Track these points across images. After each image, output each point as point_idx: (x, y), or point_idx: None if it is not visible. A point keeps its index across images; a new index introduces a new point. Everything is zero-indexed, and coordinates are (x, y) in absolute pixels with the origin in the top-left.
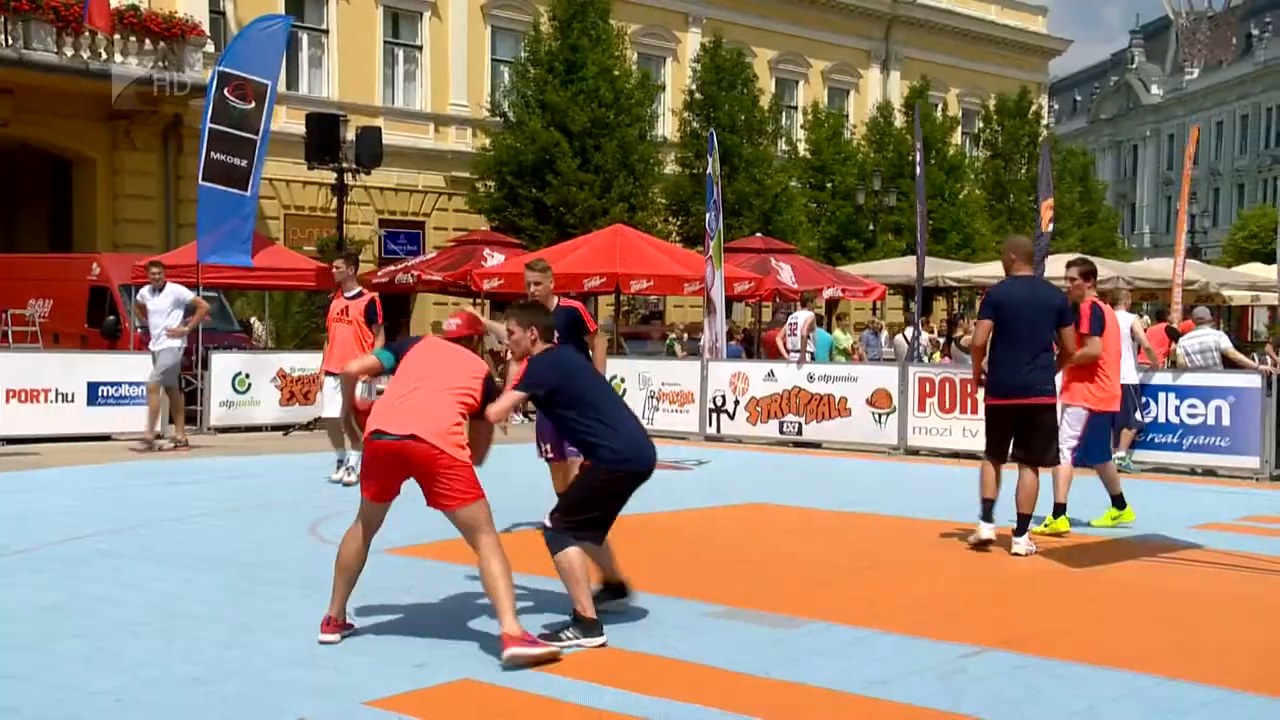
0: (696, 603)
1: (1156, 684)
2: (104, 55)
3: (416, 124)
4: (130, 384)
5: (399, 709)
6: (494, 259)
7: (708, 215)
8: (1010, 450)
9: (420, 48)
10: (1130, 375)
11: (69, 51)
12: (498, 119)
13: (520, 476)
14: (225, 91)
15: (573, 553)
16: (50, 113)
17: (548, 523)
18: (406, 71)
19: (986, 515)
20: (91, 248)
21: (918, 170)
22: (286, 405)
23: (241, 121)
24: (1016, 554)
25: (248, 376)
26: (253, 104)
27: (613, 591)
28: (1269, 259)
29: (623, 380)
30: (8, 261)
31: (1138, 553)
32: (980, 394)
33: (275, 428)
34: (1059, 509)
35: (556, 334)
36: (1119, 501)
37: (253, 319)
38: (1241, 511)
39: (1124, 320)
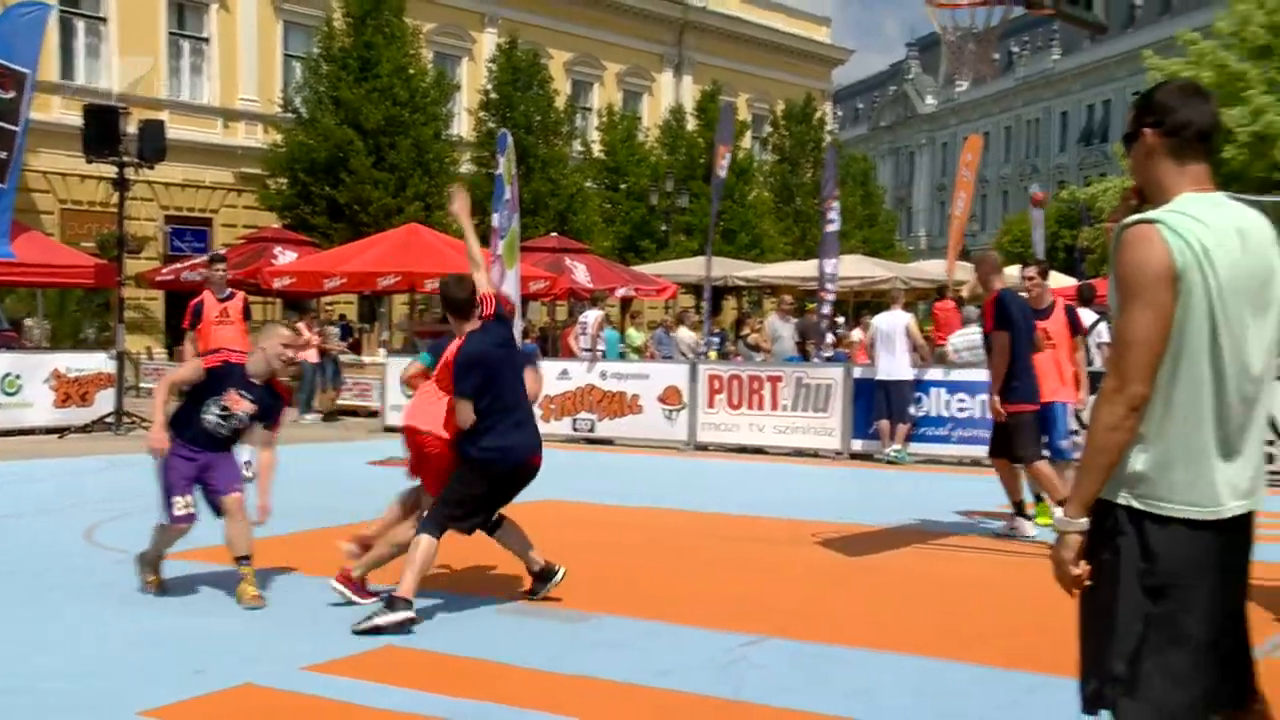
0: (489, 599)
1: (928, 665)
2: None
3: (204, 118)
4: None
5: (176, 718)
6: (285, 256)
7: (496, 214)
8: (1004, 448)
9: (207, 40)
10: (905, 372)
11: None
12: (290, 115)
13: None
14: None
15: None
16: None
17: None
18: (193, 64)
19: (1024, 512)
20: None
21: (722, 172)
22: (62, 407)
23: (6, 112)
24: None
25: (18, 377)
26: (12, 93)
27: (540, 577)
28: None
29: None
30: None
31: (910, 540)
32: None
33: (50, 430)
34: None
35: None
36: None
37: (26, 319)
38: (1006, 500)
39: (900, 319)
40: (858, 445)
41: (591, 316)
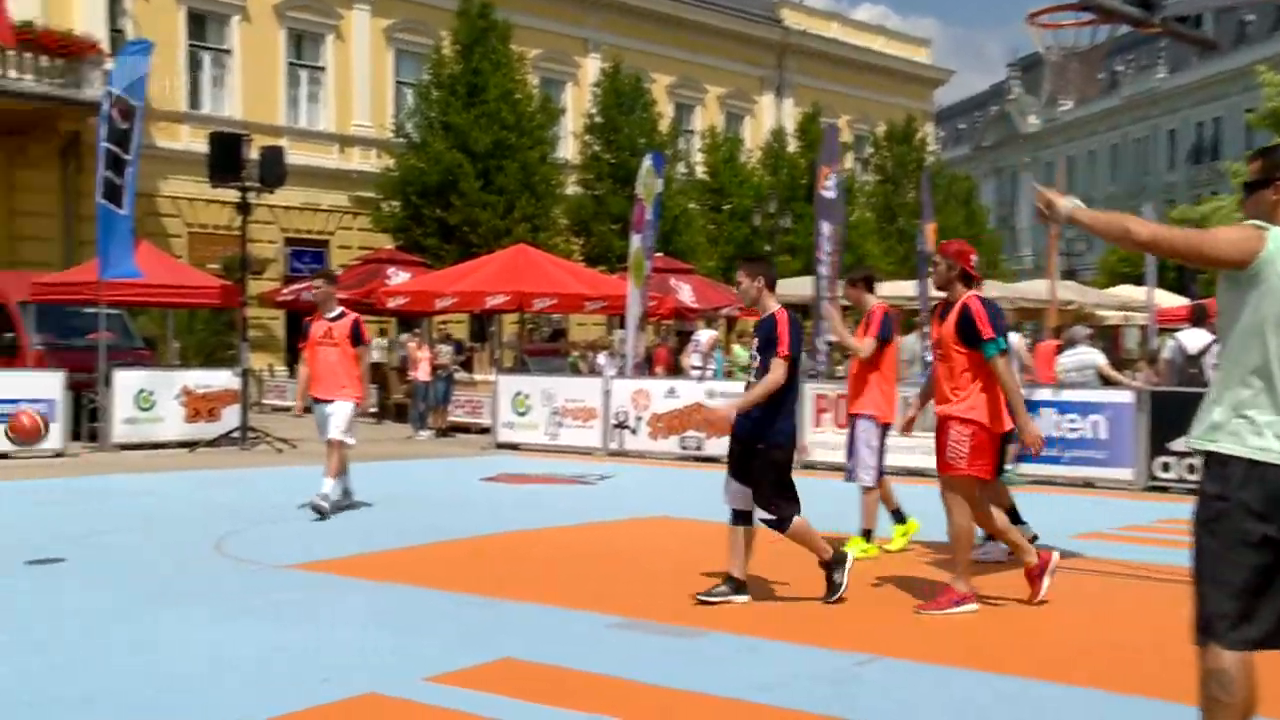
0: (597, 614)
1: (1038, 687)
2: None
3: (320, 144)
4: (29, 401)
5: None
6: (399, 277)
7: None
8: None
9: (323, 69)
10: None
11: None
12: (401, 140)
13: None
14: (113, 111)
15: (799, 521)
16: None
17: (767, 515)
18: (310, 92)
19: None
20: None
21: (827, 193)
22: (192, 422)
23: (122, 141)
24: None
25: (151, 393)
26: (127, 124)
27: (735, 586)
28: (1140, 281)
29: (527, 397)
30: None
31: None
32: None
33: (180, 445)
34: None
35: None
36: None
37: (175, 342)
38: (1119, 521)
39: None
40: None
41: (705, 336)
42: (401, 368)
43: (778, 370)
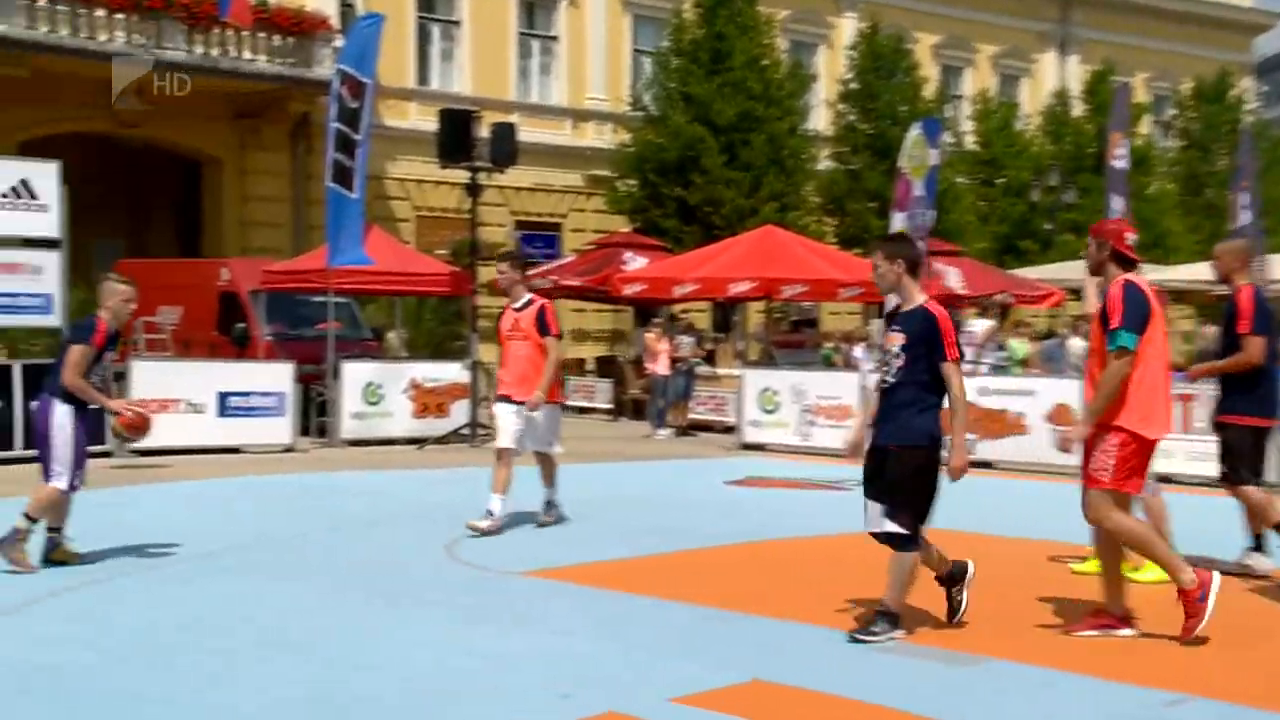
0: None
1: None
2: (234, 53)
3: (553, 119)
4: (260, 394)
5: None
6: (635, 262)
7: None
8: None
9: (556, 38)
10: None
11: (199, 49)
12: (639, 113)
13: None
14: (343, 89)
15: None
16: (179, 112)
17: (894, 528)
18: (542, 64)
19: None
20: (220, 252)
21: (1118, 163)
22: (420, 417)
23: (352, 120)
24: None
25: (379, 387)
26: (357, 103)
27: (951, 580)
28: None
29: (775, 393)
30: (139, 267)
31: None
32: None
33: (408, 441)
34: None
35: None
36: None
37: (396, 330)
38: None
39: None
40: None
41: (979, 327)
42: (638, 361)
43: (955, 379)
